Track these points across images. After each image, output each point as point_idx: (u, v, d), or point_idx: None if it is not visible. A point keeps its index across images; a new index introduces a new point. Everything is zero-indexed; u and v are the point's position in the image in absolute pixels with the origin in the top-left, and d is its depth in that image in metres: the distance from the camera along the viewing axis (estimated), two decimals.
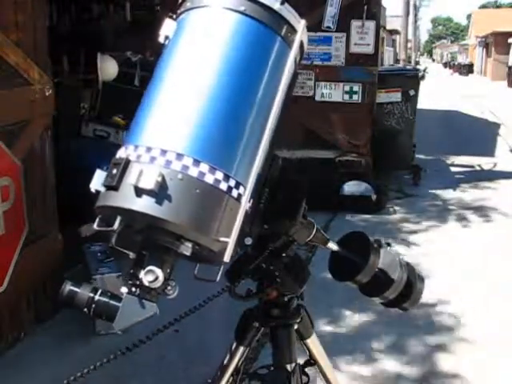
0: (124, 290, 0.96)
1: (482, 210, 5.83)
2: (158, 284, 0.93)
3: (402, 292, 1.26)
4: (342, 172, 5.66)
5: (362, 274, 1.22)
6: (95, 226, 0.98)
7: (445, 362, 2.96)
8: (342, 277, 1.26)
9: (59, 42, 4.47)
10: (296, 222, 1.13)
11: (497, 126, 12.20)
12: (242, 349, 1.36)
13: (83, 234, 3.44)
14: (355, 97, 5.68)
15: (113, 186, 0.91)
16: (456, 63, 45.34)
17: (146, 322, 0.99)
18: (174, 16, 1.07)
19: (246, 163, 0.97)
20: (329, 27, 5.59)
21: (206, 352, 2.78)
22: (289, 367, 1.31)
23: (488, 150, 9.17)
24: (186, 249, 0.94)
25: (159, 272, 0.93)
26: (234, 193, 0.95)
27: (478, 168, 7.96)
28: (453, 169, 7.94)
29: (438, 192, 6.51)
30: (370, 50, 5.63)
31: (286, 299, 1.30)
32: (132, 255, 0.98)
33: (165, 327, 0.97)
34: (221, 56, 0.99)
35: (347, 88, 5.68)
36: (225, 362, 1.38)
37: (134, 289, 0.95)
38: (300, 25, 1.05)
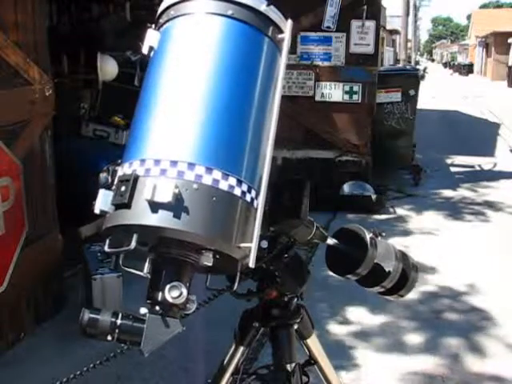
0: (143, 310, 0.93)
1: (482, 210, 5.83)
2: (182, 299, 0.91)
3: (398, 281, 1.29)
4: (342, 172, 5.66)
5: (361, 267, 1.23)
6: (106, 248, 0.94)
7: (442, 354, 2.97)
8: (342, 271, 1.27)
9: (59, 42, 4.47)
10: (303, 221, 1.13)
11: (497, 125, 12.20)
12: (242, 349, 1.36)
13: (83, 234, 3.45)
14: (355, 97, 5.69)
15: (124, 203, 0.89)
16: (456, 63, 45.31)
17: None
18: (155, 26, 1.05)
19: (254, 166, 0.97)
20: (329, 27, 5.59)
21: (206, 352, 2.77)
22: (289, 367, 1.31)
23: (488, 150, 9.17)
24: (208, 259, 0.93)
25: (183, 287, 0.91)
26: (248, 197, 0.94)
27: (478, 168, 7.96)
28: (453, 169, 7.94)
29: (438, 192, 6.51)
30: (370, 49, 5.63)
31: (285, 299, 1.30)
32: (144, 274, 0.96)
33: None
34: (215, 61, 0.98)
35: (347, 88, 5.68)
36: (225, 362, 1.38)
37: (157, 307, 0.92)
38: (286, 25, 1.04)
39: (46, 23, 3.34)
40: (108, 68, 4.82)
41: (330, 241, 1.26)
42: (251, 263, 0.91)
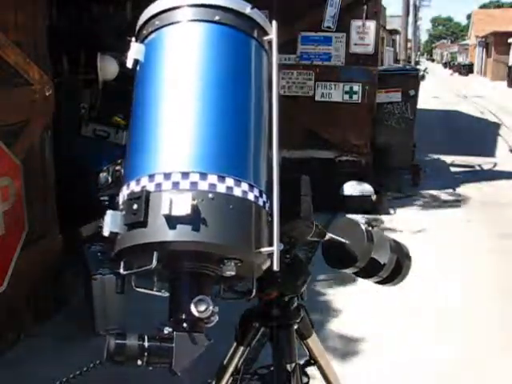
0: (167, 329, 0.91)
1: (481, 210, 5.84)
2: (208, 313, 0.88)
3: (392, 270, 1.31)
4: (342, 172, 5.66)
5: (359, 261, 1.25)
6: (122, 270, 0.92)
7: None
8: (340, 265, 1.28)
9: (59, 42, 4.47)
10: (305, 221, 1.13)
11: (497, 125, 12.21)
12: (242, 349, 1.36)
13: (83, 234, 3.44)
14: (355, 97, 5.69)
15: (140, 221, 0.86)
16: (456, 63, 45.33)
17: (147, 322, 0.99)
18: (137, 38, 1.03)
19: (262, 169, 0.96)
20: (329, 27, 5.59)
21: (206, 352, 2.78)
22: (289, 367, 1.31)
23: (488, 149, 9.18)
24: (230, 268, 0.91)
25: (209, 300, 0.89)
26: (260, 201, 0.93)
27: (478, 168, 7.96)
28: (453, 169, 7.94)
29: (438, 192, 6.52)
30: (370, 50, 5.64)
31: (286, 299, 1.30)
32: (162, 293, 0.95)
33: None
34: (212, 68, 0.97)
35: (347, 88, 5.68)
36: (225, 362, 1.38)
37: (184, 324, 0.90)
38: (272, 27, 1.03)
39: (45, 23, 3.33)
40: (108, 68, 4.82)
41: (329, 237, 1.27)
42: (276, 266, 0.90)
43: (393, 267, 1.31)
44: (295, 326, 1.34)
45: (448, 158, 8.46)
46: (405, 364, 2.93)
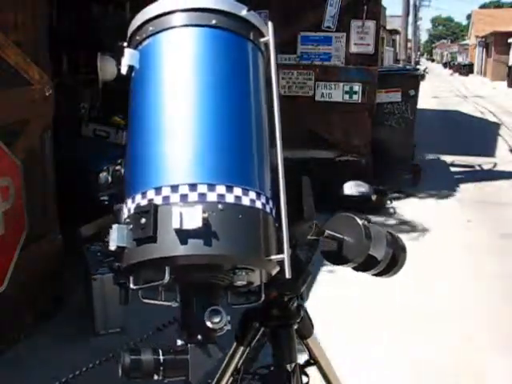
0: (180, 341, 0.90)
1: (481, 210, 5.83)
2: (222, 323, 0.88)
3: (389, 263, 1.33)
4: (342, 172, 5.66)
5: (356, 257, 1.26)
6: (132, 285, 0.90)
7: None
8: (338, 261, 1.29)
9: (59, 41, 4.47)
10: (307, 222, 1.13)
11: (497, 126, 12.21)
12: (242, 349, 1.36)
13: (83, 234, 3.44)
14: (355, 97, 5.69)
15: (150, 236, 0.84)
16: (456, 63, 45.31)
17: (147, 322, 0.99)
18: (130, 44, 1.00)
19: (266, 175, 0.95)
20: (329, 27, 5.59)
21: None
22: (289, 367, 1.31)
23: (488, 149, 9.18)
24: (242, 278, 0.91)
25: (222, 311, 0.88)
26: (267, 208, 0.92)
27: (478, 168, 7.96)
28: (453, 169, 7.94)
29: (438, 192, 6.51)
30: (370, 50, 5.64)
31: (286, 299, 1.30)
32: (172, 304, 0.95)
33: (164, 326, 0.96)
34: (211, 74, 0.96)
35: (347, 88, 5.69)
36: (225, 362, 1.38)
37: (198, 336, 0.89)
38: (268, 28, 1.01)
39: (45, 23, 3.33)
40: (108, 68, 4.82)
41: (327, 233, 1.28)
42: (287, 274, 0.90)
43: (388, 261, 1.32)
44: (295, 326, 1.34)
45: (448, 158, 8.46)
46: (404, 364, 2.93)
